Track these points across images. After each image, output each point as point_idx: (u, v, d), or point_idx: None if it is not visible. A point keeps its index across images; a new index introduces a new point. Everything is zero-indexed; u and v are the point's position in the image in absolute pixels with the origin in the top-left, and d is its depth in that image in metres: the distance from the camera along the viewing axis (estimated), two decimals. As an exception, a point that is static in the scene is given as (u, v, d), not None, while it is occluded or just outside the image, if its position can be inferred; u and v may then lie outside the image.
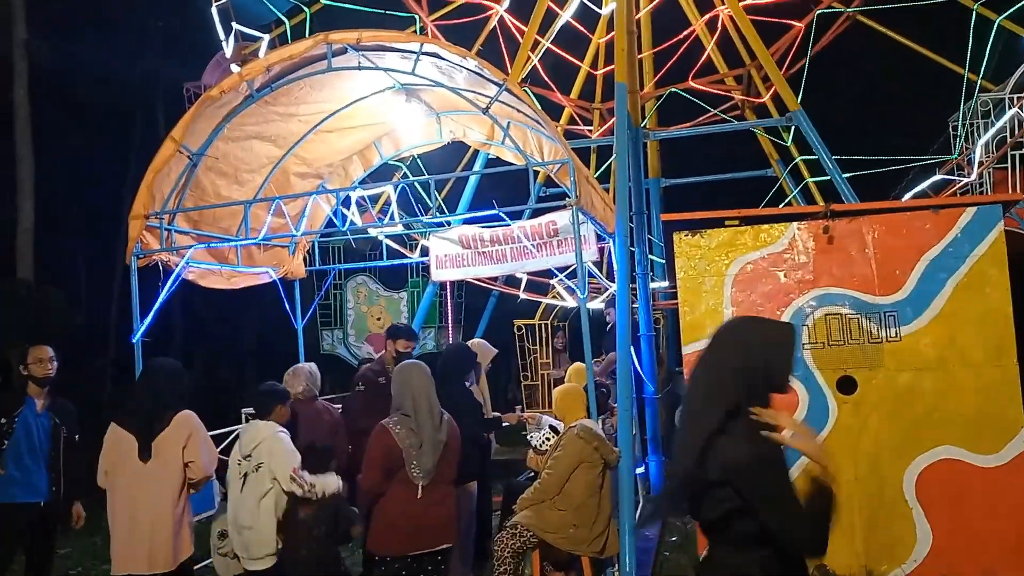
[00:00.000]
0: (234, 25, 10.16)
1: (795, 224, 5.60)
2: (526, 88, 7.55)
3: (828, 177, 7.67)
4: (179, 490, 4.27)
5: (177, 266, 6.47)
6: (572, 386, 5.37)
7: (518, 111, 6.69)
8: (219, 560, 4.93)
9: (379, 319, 11.26)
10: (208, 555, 5.69)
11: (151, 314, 6.22)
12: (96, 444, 4.53)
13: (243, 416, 8.72)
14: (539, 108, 5.86)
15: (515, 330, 10.15)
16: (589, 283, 10.62)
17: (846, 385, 5.51)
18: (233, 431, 7.83)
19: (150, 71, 16.76)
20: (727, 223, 5.71)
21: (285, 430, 4.70)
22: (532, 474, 5.67)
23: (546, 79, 9.10)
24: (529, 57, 8.53)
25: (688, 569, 5.87)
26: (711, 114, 9.02)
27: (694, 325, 5.70)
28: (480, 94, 6.50)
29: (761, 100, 8.51)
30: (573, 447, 4.81)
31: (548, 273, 9.96)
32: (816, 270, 5.55)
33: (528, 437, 5.74)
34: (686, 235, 5.74)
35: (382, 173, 8.43)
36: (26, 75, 13.34)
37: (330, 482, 4.54)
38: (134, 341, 6.22)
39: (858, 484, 5.42)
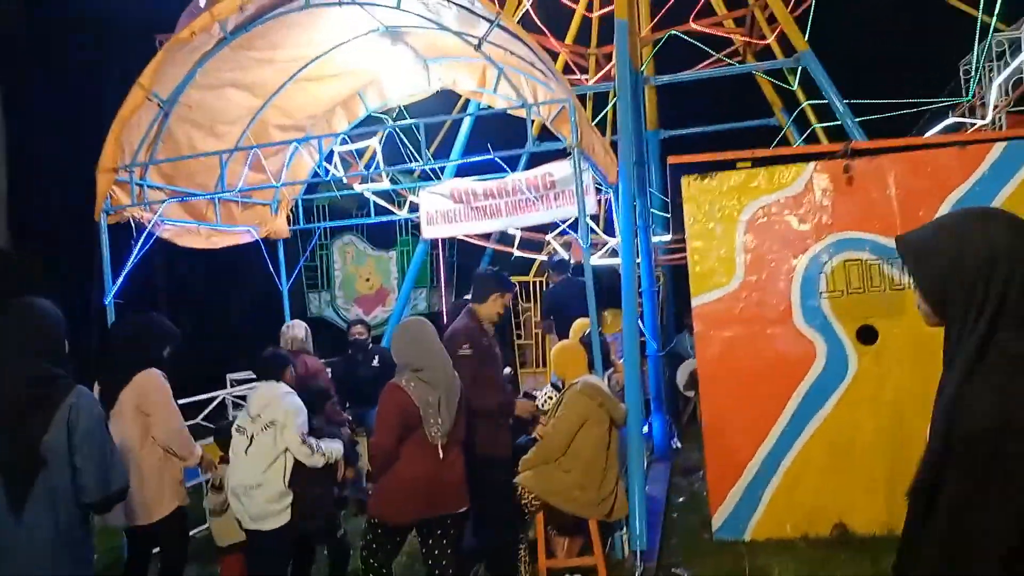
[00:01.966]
0: (208, -27, 9.59)
1: (812, 164, 5.25)
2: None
3: (838, 122, 7.30)
4: (140, 446, 4.05)
5: (149, 222, 6.07)
6: (570, 342, 5.04)
7: (511, 53, 6.28)
8: (215, 522, 4.65)
9: (368, 280, 10.86)
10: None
11: (123, 275, 5.84)
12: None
13: (228, 382, 8.37)
14: (536, 46, 5.43)
15: (509, 288, 9.80)
16: (592, 239, 10.30)
17: (867, 334, 5.20)
18: (217, 396, 7.49)
19: (122, 23, 16.04)
20: (738, 165, 5.35)
21: (292, 391, 4.52)
22: (534, 436, 5.37)
23: (539, 24, 8.62)
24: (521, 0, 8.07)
25: (699, 530, 5.60)
26: (713, 59, 8.58)
27: (704, 275, 5.37)
28: (470, 36, 6.08)
29: (766, 42, 8.08)
30: (577, 404, 4.48)
31: (543, 228, 9.62)
32: (835, 213, 5.21)
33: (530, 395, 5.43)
34: (695, 178, 5.37)
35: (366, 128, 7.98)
36: (-8, 34, 12.76)
37: (335, 448, 4.46)
38: (106, 303, 5.85)
39: (880, 436, 5.15)
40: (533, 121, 5.53)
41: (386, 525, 3.88)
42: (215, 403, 7.34)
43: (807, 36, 7.51)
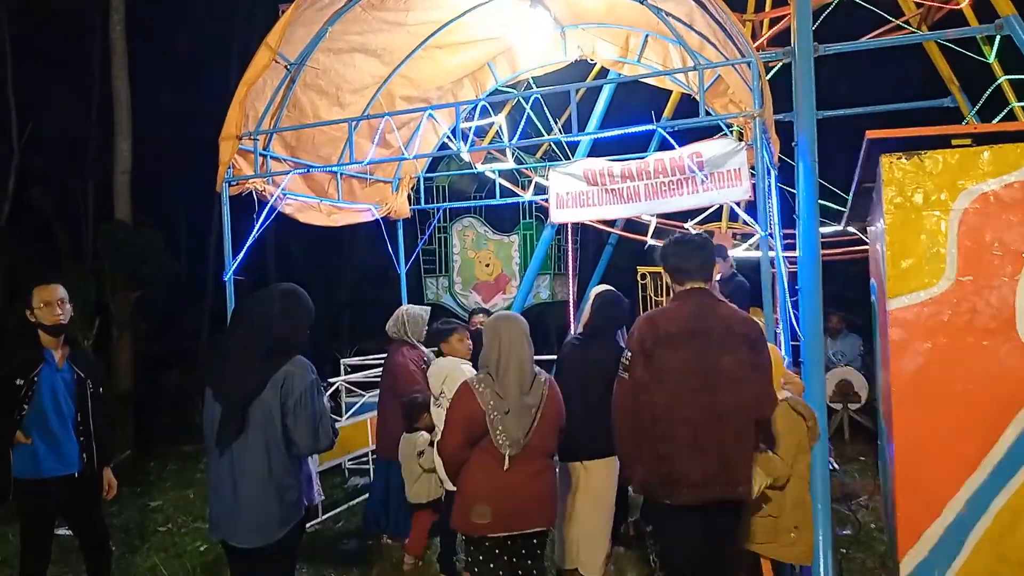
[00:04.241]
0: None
1: (1051, 143, 4.29)
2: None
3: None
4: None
5: (272, 196, 5.69)
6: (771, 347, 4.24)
7: (668, 14, 5.56)
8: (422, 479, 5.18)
9: (488, 265, 10.31)
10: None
11: (244, 249, 5.48)
12: (189, 390, 3.83)
13: (342, 367, 8.03)
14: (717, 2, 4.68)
15: (639, 278, 9.07)
16: (735, 228, 9.45)
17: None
18: (334, 383, 7.14)
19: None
20: (954, 143, 4.45)
21: (468, 361, 4.88)
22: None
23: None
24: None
25: (879, 574, 4.78)
26: (890, 25, 7.56)
27: (906, 273, 4.49)
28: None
29: (959, 6, 7.00)
30: (794, 424, 3.64)
31: (680, 216, 8.84)
32: (1079, 203, 4.25)
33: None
34: (900, 158, 4.50)
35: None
36: (123, 9, 12.89)
37: None
38: (226, 279, 5.51)
39: None
40: (706, 81, 4.78)
41: (472, 538, 3.62)
42: (331, 391, 6.98)
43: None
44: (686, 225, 7.99)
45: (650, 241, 8.53)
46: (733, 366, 3.33)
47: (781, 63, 6.69)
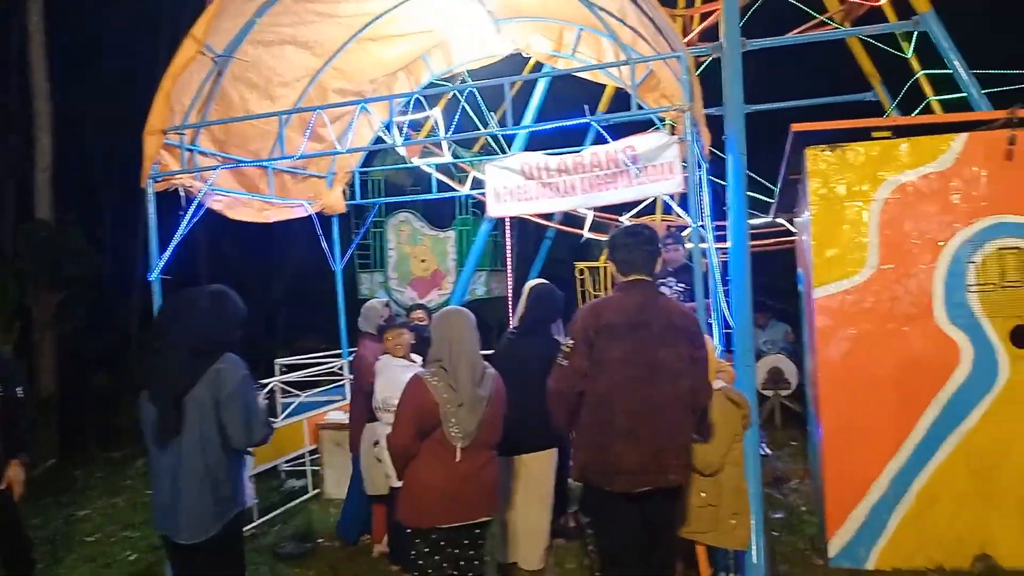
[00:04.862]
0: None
1: (965, 135, 4.48)
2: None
3: (962, 95, 6.47)
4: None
5: (200, 192, 5.53)
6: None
7: (601, 8, 5.61)
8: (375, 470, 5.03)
9: (424, 261, 10.22)
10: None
11: (170, 247, 5.31)
12: (118, 392, 3.73)
13: (276, 368, 7.86)
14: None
15: (577, 274, 9.13)
16: (669, 221, 9.59)
17: (1022, 336, 4.45)
18: (268, 383, 6.98)
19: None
20: (874, 135, 4.62)
21: (408, 362, 4.89)
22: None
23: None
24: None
25: (810, 555, 4.92)
26: (815, 21, 7.78)
27: (829, 263, 4.65)
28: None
29: (878, 3, 7.24)
30: (730, 414, 3.70)
31: (615, 210, 8.93)
32: (990, 193, 4.45)
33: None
34: (823, 150, 4.65)
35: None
36: (41, -1, 12.32)
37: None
38: (151, 279, 5.32)
39: (1033, 458, 4.41)
40: (638, 76, 4.82)
41: (419, 531, 3.57)
42: (265, 391, 6.82)
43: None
44: (622, 218, 8.07)
45: (587, 235, 8.60)
46: (672, 359, 3.37)
47: (712, 58, 6.81)
